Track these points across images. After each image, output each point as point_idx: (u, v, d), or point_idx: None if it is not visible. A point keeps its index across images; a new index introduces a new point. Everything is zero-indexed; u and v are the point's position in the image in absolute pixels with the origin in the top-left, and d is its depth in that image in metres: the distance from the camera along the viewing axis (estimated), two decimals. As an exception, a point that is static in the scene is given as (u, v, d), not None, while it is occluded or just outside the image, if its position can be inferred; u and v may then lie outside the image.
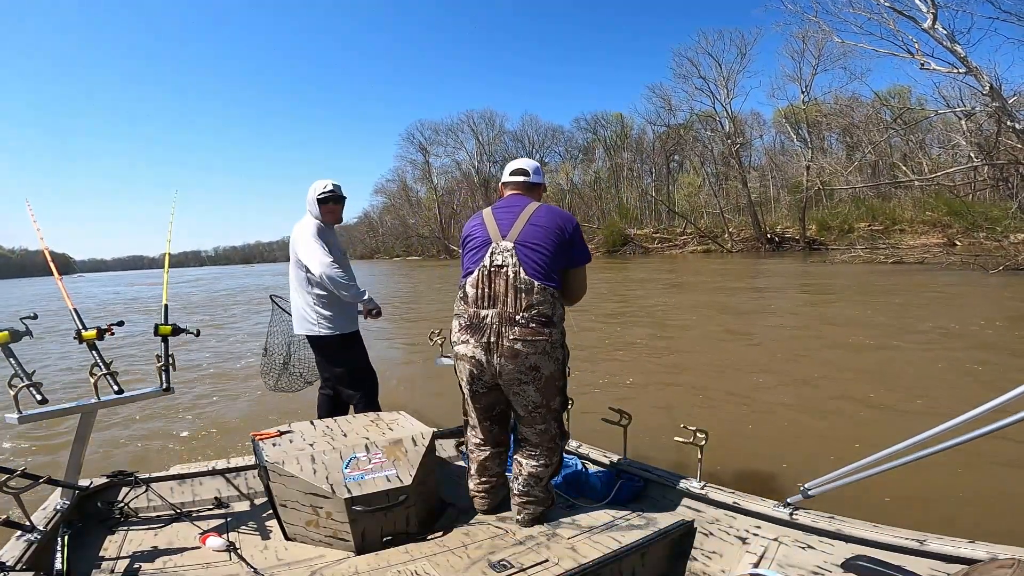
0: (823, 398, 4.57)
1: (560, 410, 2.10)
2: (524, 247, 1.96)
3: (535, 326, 1.91)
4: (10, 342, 1.95)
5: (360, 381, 3.03)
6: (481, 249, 2.02)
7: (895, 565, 1.46)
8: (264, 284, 27.11)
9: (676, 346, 7.19)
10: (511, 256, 1.95)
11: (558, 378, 2.02)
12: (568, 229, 2.02)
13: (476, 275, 1.99)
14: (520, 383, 1.96)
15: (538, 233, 1.98)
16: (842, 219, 31.26)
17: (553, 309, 1.95)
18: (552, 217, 2.02)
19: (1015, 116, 13.32)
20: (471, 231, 2.12)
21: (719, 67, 36.53)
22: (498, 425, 2.20)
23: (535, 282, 1.92)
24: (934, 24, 13.52)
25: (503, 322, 1.91)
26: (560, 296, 1.99)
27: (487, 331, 1.93)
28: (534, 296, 1.91)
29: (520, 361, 1.92)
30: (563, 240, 2.00)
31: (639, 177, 48.10)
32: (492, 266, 1.96)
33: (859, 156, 30.50)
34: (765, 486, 2.84)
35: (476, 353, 1.96)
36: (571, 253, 2.04)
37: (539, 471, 2.06)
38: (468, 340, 1.98)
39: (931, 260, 17.49)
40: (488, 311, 1.94)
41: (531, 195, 2.20)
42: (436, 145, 57.64)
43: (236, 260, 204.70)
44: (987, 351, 5.85)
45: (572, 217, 2.10)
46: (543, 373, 1.95)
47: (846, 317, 8.52)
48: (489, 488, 2.21)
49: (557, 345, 1.98)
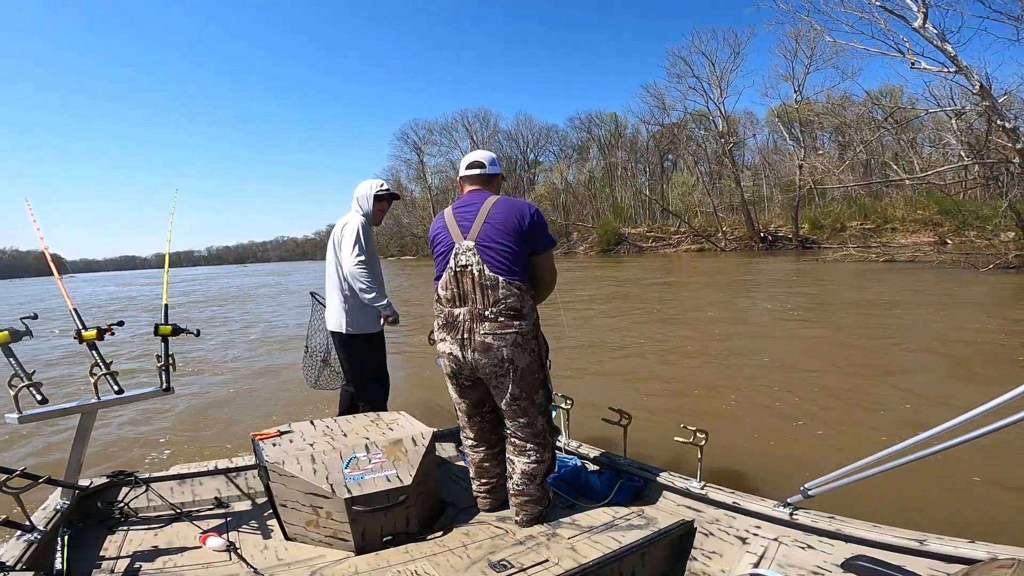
0: (823, 399, 4.59)
1: (545, 404, 2.12)
2: (485, 246, 2.01)
3: (504, 319, 1.97)
4: (10, 342, 1.94)
5: (371, 382, 3.05)
6: (447, 252, 2.08)
7: (895, 565, 1.47)
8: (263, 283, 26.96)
9: (676, 346, 7.21)
10: (473, 255, 2.00)
11: (536, 370, 2.05)
12: (525, 221, 2.03)
13: (445, 277, 2.06)
14: (497, 376, 2.01)
15: (497, 230, 2.01)
16: (834, 218, 31.50)
17: (521, 301, 2.00)
18: (509, 211, 2.04)
19: (1005, 115, 13.39)
20: (435, 234, 2.17)
21: (713, 66, 36.77)
22: (488, 423, 2.23)
23: (499, 278, 1.97)
24: (924, 23, 13.55)
25: (474, 318, 1.99)
26: (527, 288, 2.04)
27: (461, 328, 2.01)
28: (500, 291, 1.97)
29: (493, 354, 1.98)
30: (521, 232, 2.02)
31: (633, 176, 48.25)
32: (458, 267, 2.03)
33: (851, 155, 30.66)
34: (765, 486, 2.85)
35: (453, 349, 2.04)
36: (533, 243, 2.06)
37: (531, 468, 2.08)
38: (445, 338, 2.07)
39: (922, 258, 17.62)
40: (460, 309, 2.02)
41: (489, 187, 2.22)
42: (430, 144, 57.66)
43: (230, 260, 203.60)
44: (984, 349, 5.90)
45: (530, 205, 2.12)
46: (518, 365, 1.99)
47: (844, 317, 8.57)
48: (489, 488, 2.25)
49: (529, 337, 2.02)
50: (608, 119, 50.39)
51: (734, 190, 36.55)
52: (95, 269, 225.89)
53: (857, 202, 31.51)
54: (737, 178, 36.18)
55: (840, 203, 32.43)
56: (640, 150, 47.63)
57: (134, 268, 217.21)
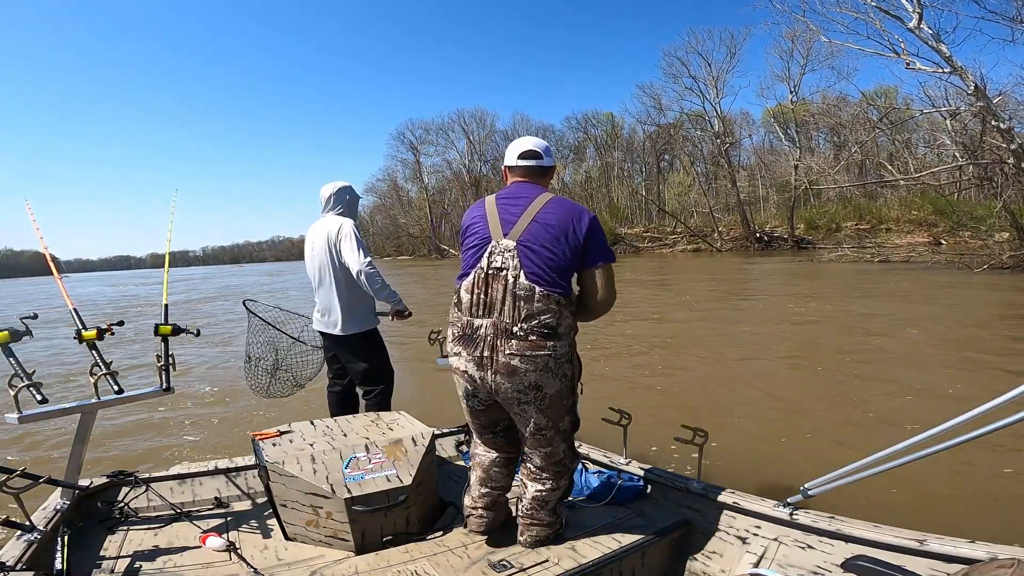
0: (824, 398, 4.61)
1: (570, 431, 1.88)
2: (527, 247, 1.71)
3: (535, 338, 1.67)
4: (10, 342, 1.93)
5: (379, 376, 3.07)
6: (480, 248, 1.78)
7: (895, 565, 1.47)
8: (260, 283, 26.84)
9: (676, 345, 7.23)
10: (512, 258, 1.70)
11: (565, 396, 1.78)
12: (582, 227, 1.75)
13: (472, 278, 1.75)
14: (520, 403, 1.74)
15: (545, 232, 1.72)
16: (829, 218, 31.61)
17: (558, 319, 1.69)
18: (563, 213, 1.76)
19: (999, 116, 13.45)
20: (471, 223, 1.86)
21: (709, 67, 36.78)
22: (504, 437, 1.99)
23: (536, 288, 1.67)
24: (920, 24, 13.60)
25: (498, 334, 1.68)
26: (569, 304, 1.74)
27: (480, 344, 1.71)
28: (535, 304, 1.67)
29: (518, 379, 1.69)
30: (574, 239, 1.73)
31: (629, 176, 48.34)
32: (490, 268, 1.72)
33: (846, 155, 30.73)
34: (765, 486, 2.86)
35: (469, 368, 1.75)
36: (586, 253, 1.77)
37: (544, 495, 1.88)
38: (460, 352, 1.77)
39: (917, 259, 17.75)
40: (483, 320, 1.71)
41: (541, 182, 1.95)
42: (427, 144, 57.31)
43: (225, 260, 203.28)
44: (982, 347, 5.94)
45: (586, 211, 1.81)
46: (546, 392, 1.72)
47: (842, 318, 8.61)
48: (490, 502, 1.98)
49: (563, 360, 1.73)
50: (604, 119, 50.38)
51: (730, 190, 36.64)
52: (89, 269, 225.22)
53: (852, 202, 31.63)
54: (733, 178, 36.26)
55: (835, 203, 32.54)
56: (636, 150, 47.78)
57: (128, 268, 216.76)
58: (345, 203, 3.06)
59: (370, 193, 64.37)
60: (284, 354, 3.29)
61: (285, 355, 3.29)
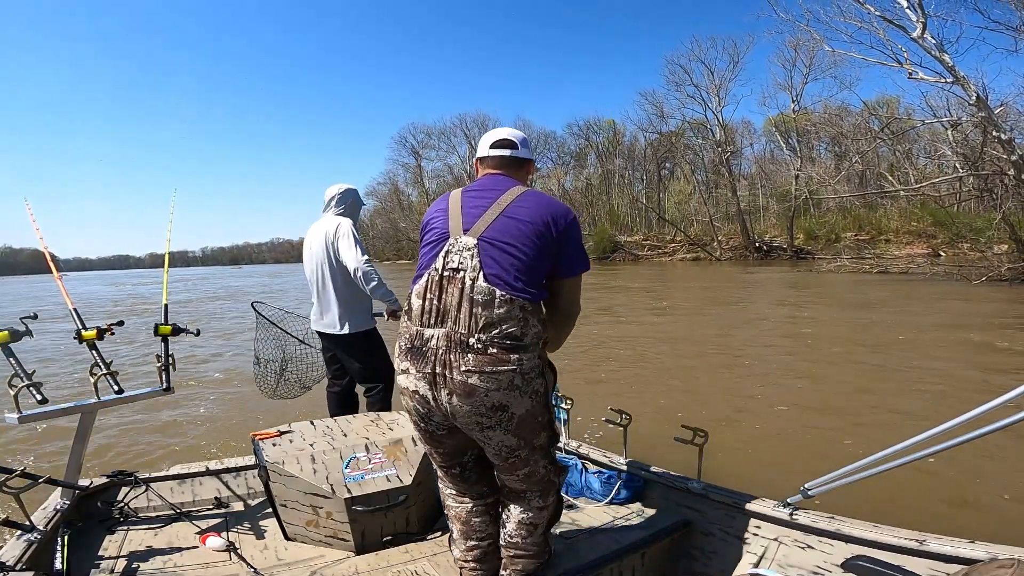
0: (823, 399, 4.62)
1: (548, 446, 1.59)
2: (491, 245, 1.45)
3: (496, 351, 1.39)
4: (10, 342, 1.93)
5: (379, 375, 3.08)
6: (435, 246, 1.52)
7: (895, 565, 1.47)
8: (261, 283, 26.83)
9: (677, 349, 7.24)
10: (471, 257, 1.44)
11: (539, 414, 1.49)
12: (559, 225, 1.51)
13: (424, 281, 1.48)
14: (482, 427, 1.45)
15: (515, 228, 1.47)
16: (829, 228, 31.65)
17: (523, 327, 1.41)
18: (539, 207, 1.51)
19: (1000, 126, 13.50)
20: (431, 219, 1.59)
21: (711, 75, 37.03)
22: (474, 472, 1.69)
23: (496, 291, 1.40)
24: (923, 33, 13.65)
25: (452, 347, 1.40)
26: (537, 310, 1.47)
27: (431, 358, 1.42)
28: (495, 311, 1.39)
29: (478, 400, 1.40)
30: (548, 239, 1.49)
31: (630, 184, 48.46)
32: (445, 270, 1.45)
33: (847, 165, 30.84)
34: (765, 486, 2.86)
35: (419, 387, 1.45)
36: (560, 258, 1.53)
37: (531, 518, 1.62)
38: (408, 369, 1.47)
39: (916, 270, 17.73)
40: (434, 331, 1.43)
41: (516, 175, 1.68)
42: (428, 148, 57.66)
43: (224, 260, 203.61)
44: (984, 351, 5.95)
45: (567, 209, 1.57)
46: (513, 412, 1.43)
47: (841, 323, 8.62)
48: (481, 555, 1.69)
49: (532, 375, 1.44)
50: (606, 126, 50.63)
51: (730, 199, 36.72)
52: (88, 268, 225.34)
53: (852, 213, 31.71)
54: (733, 187, 36.36)
55: (835, 214, 32.61)
56: (637, 158, 47.90)
57: (127, 267, 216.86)
58: (347, 204, 3.08)
59: (371, 196, 64.56)
60: (291, 356, 3.31)
61: (292, 357, 3.31)
